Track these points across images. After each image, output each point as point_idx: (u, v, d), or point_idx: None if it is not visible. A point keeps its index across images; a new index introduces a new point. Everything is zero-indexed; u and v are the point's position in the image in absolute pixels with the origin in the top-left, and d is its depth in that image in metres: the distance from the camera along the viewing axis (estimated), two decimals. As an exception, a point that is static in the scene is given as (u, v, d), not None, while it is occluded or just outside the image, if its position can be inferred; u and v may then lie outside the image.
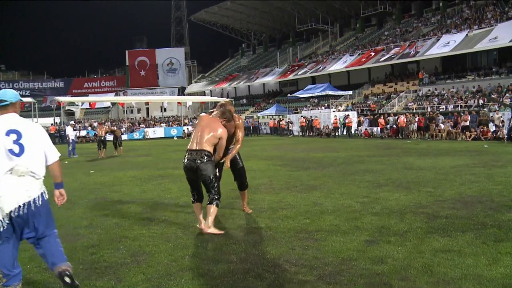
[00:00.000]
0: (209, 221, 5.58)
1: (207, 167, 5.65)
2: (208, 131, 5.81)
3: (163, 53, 72.26)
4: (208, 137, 5.77)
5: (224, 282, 4.02)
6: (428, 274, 4.05)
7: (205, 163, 5.64)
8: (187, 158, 5.75)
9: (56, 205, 8.03)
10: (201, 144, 5.73)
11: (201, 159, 5.64)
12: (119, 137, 21.31)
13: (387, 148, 20.02)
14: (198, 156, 5.66)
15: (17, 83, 73.50)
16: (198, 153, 5.68)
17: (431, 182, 9.41)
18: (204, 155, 5.67)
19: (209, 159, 5.71)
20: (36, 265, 4.66)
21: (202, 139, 5.76)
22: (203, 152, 5.68)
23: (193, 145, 5.78)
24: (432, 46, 39.99)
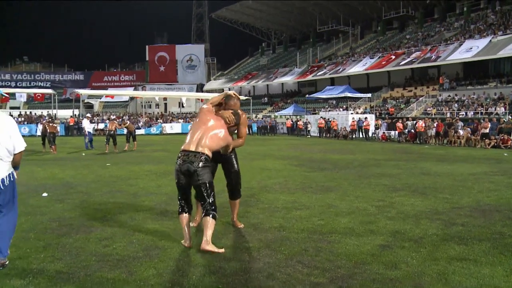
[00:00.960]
0: (208, 236, 4.81)
1: (205, 172, 4.97)
2: (211, 132, 5.15)
3: (183, 49, 72.53)
4: (210, 141, 5.11)
5: (235, 280, 4.00)
6: (443, 282, 3.99)
7: (203, 168, 4.95)
8: (182, 159, 5.01)
9: (72, 197, 8.12)
10: (200, 146, 5.04)
11: (199, 162, 4.94)
12: (133, 132, 21.31)
13: (404, 152, 19.83)
14: (196, 159, 4.95)
15: (39, 75, 74.47)
16: (197, 156, 4.97)
17: (448, 188, 9.29)
18: (204, 159, 4.98)
19: (207, 164, 5.02)
20: (50, 255, 4.68)
21: (202, 141, 5.07)
22: (203, 155, 4.99)
23: (191, 145, 5.06)
24: (454, 51, 39.51)
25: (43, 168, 12.86)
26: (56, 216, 6.52)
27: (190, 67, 71.84)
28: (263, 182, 10.21)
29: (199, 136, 5.10)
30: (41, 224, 6.01)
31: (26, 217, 6.43)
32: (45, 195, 8.29)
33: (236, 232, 5.65)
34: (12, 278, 4.02)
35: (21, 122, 41.09)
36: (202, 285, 3.88)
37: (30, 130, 37.92)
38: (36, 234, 5.53)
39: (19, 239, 5.25)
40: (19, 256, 4.61)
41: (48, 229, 5.76)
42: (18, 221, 6.03)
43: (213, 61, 79.99)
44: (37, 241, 5.22)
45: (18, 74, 74.24)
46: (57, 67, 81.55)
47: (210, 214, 4.91)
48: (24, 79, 72.53)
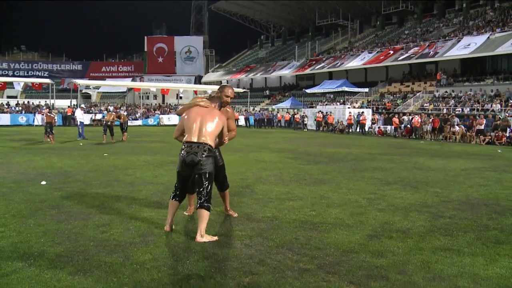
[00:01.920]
0: (202, 229, 4.93)
1: (208, 162, 5.06)
2: (210, 121, 5.20)
3: (182, 40, 72.42)
4: (210, 130, 5.17)
5: (227, 265, 4.18)
6: (425, 270, 4.18)
7: (207, 157, 5.05)
8: (186, 151, 5.08)
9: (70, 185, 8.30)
10: (203, 136, 5.11)
11: (203, 152, 5.03)
12: (125, 123, 21.37)
13: (400, 147, 20.03)
14: (200, 149, 5.03)
15: (36, 64, 74.25)
16: (201, 146, 5.05)
17: (439, 183, 9.48)
18: (207, 149, 5.07)
19: (211, 154, 5.11)
20: (50, 239, 4.85)
21: (203, 130, 5.13)
22: (206, 145, 5.08)
23: (193, 136, 5.12)
24: (452, 47, 39.65)
25: (41, 157, 13.00)
26: (55, 203, 6.68)
27: (189, 58, 71.76)
28: (258, 173, 10.38)
29: (199, 125, 5.15)
30: (40, 211, 6.17)
31: (26, 204, 6.60)
32: (43, 183, 8.44)
33: (229, 221, 5.83)
34: (15, 260, 4.19)
35: (18, 111, 41.11)
36: (195, 269, 4.06)
37: (27, 119, 37.95)
38: (36, 220, 5.69)
39: (19, 225, 5.43)
40: (21, 241, 4.78)
41: (48, 216, 5.92)
42: (18, 207, 6.25)
43: (211, 53, 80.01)
44: (37, 226, 5.39)
45: (16, 63, 73.98)
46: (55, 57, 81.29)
47: (205, 206, 4.98)
48: (22, 68, 72.31)
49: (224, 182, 6.05)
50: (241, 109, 52.07)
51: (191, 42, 72.34)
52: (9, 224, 5.46)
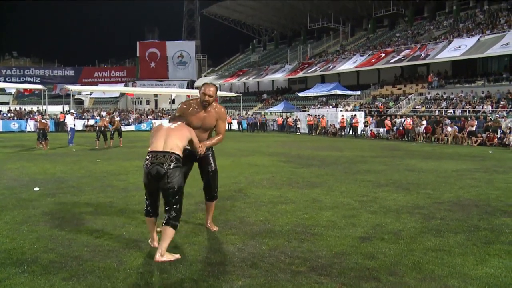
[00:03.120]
0: (163, 247, 4.47)
1: (175, 175, 4.58)
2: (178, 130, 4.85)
3: (174, 45, 72.48)
4: (177, 140, 4.75)
5: (220, 269, 4.21)
6: (417, 270, 4.23)
7: (174, 169, 4.57)
8: (150, 162, 4.60)
9: (64, 191, 8.31)
10: (169, 145, 4.68)
11: (170, 163, 4.55)
12: (119, 128, 21.23)
13: (392, 149, 20.14)
14: (166, 159, 4.56)
15: (28, 70, 74.00)
16: (166, 156, 4.58)
17: (430, 184, 9.56)
18: (174, 159, 4.59)
19: (178, 165, 4.62)
20: (43, 245, 4.86)
21: (170, 139, 4.72)
22: (172, 155, 4.61)
23: (158, 146, 4.69)
24: (443, 49, 39.91)
25: (34, 164, 12.97)
26: (48, 209, 6.69)
27: (181, 63, 71.80)
28: (251, 177, 10.42)
29: (164, 137, 4.75)
30: (33, 217, 6.18)
31: (19, 210, 6.60)
32: (36, 189, 8.43)
33: (222, 225, 5.84)
34: (8, 266, 4.20)
35: (10, 117, 40.92)
36: (189, 273, 4.09)
37: (20, 125, 37.79)
38: (29, 226, 5.70)
39: (12, 231, 5.43)
40: (14, 247, 4.78)
41: (41, 222, 5.93)
42: (11, 214, 6.25)
43: (204, 58, 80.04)
44: (30, 233, 5.40)
45: (8, 69, 73.71)
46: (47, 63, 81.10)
47: (170, 223, 4.56)
48: (14, 74, 72.03)
49: (213, 191, 5.54)
50: (234, 113, 52.12)
51: (183, 47, 72.43)
52: (2, 230, 5.46)
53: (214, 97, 5.26)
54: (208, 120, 5.29)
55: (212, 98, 5.22)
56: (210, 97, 5.20)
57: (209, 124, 5.32)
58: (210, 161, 5.46)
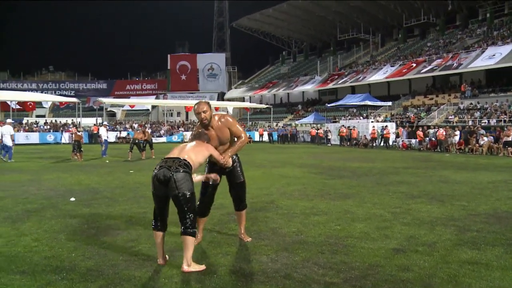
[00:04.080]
0: (188, 257, 4.44)
1: (184, 180, 4.42)
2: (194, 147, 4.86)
3: (204, 58, 73.31)
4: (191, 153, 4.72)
5: (254, 279, 4.24)
6: (453, 283, 4.15)
7: (183, 173, 4.43)
8: (159, 165, 4.54)
9: (98, 201, 8.49)
10: (182, 154, 4.65)
11: (178, 167, 4.44)
12: (150, 140, 21.42)
13: (424, 160, 19.84)
14: (174, 164, 4.47)
15: (63, 84, 76.10)
16: (175, 161, 4.51)
17: (465, 196, 9.38)
18: (183, 164, 4.50)
19: (187, 170, 4.49)
20: (80, 254, 4.97)
21: (184, 149, 4.77)
22: (182, 161, 4.54)
23: (171, 154, 4.70)
24: (476, 58, 39.22)
25: (69, 174, 13.30)
26: (84, 219, 6.85)
27: (211, 75, 72.54)
28: (283, 189, 10.42)
29: (179, 149, 4.79)
30: (70, 227, 6.34)
31: (57, 219, 6.78)
32: (73, 199, 8.65)
33: (255, 236, 5.86)
34: (48, 273, 4.33)
35: (46, 130, 42.02)
36: (223, 284, 4.12)
37: (55, 137, 38.78)
38: (67, 235, 5.85)
39: (51, 240, 5.59)
40: (53, 255, 4.92)
41: (78, 231, 6.08)
42: (49, 223, 6.42)
43: (234, 70, 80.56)
44: (68, 241, 5.54)
45: (44, 83, 75.96)
46: (81, 76, 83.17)
47: (189, 232, 4.46)
48: (50, 88, 74.12)
49: (241, 201, 5.54)
50: (264, 125, 52.21)
51: (213, 59, 73.19)
52: (42, 239, 5.63)
53: (209, 111, 5.17)
54: (221, 134, 5.24)
55: (207, 113, 5.13)
56: (204, 113, 5.12)
57: (224, 137, 5.27)
58: (238, 173, 5.48)
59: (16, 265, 4.57)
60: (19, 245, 5.35)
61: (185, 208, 4.44)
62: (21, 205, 8.03)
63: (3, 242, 5.49)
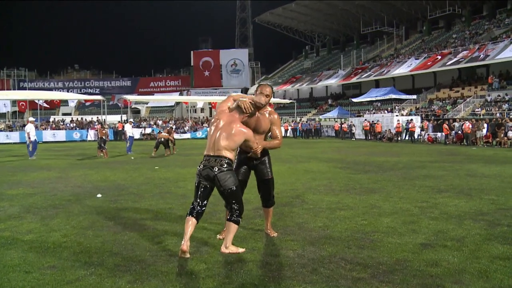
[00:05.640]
0: (228, 240, 4.87)
1: (228, 177, 4.78)
2: (227, 133, 4.88)
3: (227, 54, 73.41)
4: (227, 142, 4.85)
5: (281, 274, 4.22)
6: (484, 279, 4.07)
7: (225, 172, 4.77)
8: (203, 164, 4.87)
9: (125, 198, 8.58)
10: (218, 149, 4.86)
11: (220, 167, 4.77)
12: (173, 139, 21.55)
13: (451, 154, 19.53)
14: (216, 163, 4.79)
15: (88, 82, 77.19)
16: (217, 160, 4.80)
17: (494, 190, 9.19)
18: (224, 163, 4.80)
19: (229, 168, 4.83)
20: (108, 249, 5.03)
21: (219, 143, 4.86)
22: (223, 159, 4.81)
23: (210, 150, 4.90)
24: (505, 49, 38.35)
25: (95, 171, 13.49)
26: (111, 215, 6.93)
27: (235, 71, 72.62)
28: (308, 183, 10.38)
29: (214, 139, 4.90)
30: (98, 222, 6.42)
31: (84, 216, 6.88)
32: (99, 196, 8.77)
33: (281, 231, 5.85)
34: (77, 269, 4.39)
35: (73, 127, 42.70)
36: (250, 279, 4.12)
37: (81, 135, 39.39)
38: (94, 231, 5.93)
39: (79, 236, 5.67)
40: (81, 251, 5.00)
41: (105, 227, 6.15)
42: (77, 219, 6.52)
43: (257, 65, 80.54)
44: (95, 237, 5.61)
45: (70, 82, 77.25)
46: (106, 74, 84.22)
47: (234, 220, 4.85)
48: (75, 86, 75.34)
49: (269, 198, 5.51)
50: (288, 120, 52.09)
51: (236, 55, 73.21)
52: (70, 235, 5.72)
53: (271, 97, 5.20)
54: (261, 123, 5.21)
55: (268, 98, 5.15)
56: (267, 97, 5.12)
57: (263, 127, 5.24)
58: (267, 169, 5.40)
59: (46, 260, 4.65)
60: (49, 240, 5.45)
61: (232, 201, 4.85)
62: (50, 202, 8.18)
63: (33, 238, 5.60)
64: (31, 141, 18.81)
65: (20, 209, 7.53)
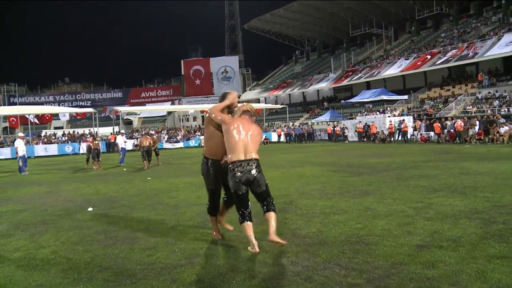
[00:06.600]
0: (275, 228, 5.16)
1: (262, 177, 5.22)
2: (252, 136, 5.29)
3: (218, 61, 73.36)
4: (254, 144, 5.28)
5: (274, 284, 4.12)
6: (481, 280, 3.99)
7: (261, 173, 5.22)
8: (239, 171, 5.10)
9: (116, 210, 8.44)
10: (249, 152, 5.19)
11: (256, 169, 5.15)
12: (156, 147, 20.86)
13: (444, 153, 19.51)
14: (252, 166, 5.13)
15: (79, 95, 76.90)
16: (252, 163, 5.14)
17: (489, 187, 9.14)
18: (258, 164, 5.20)
19: (261, 168, 5.26)
20: (98, 265, 4.91)
21: (249, 146, 5.22)
22: (255, 161, 5.18)
23: (241, 154, 5.15)
24: (493, 46, 38.53)
25: (87, 184, 13.34)
26: (102, 229, 6.80)
27: (226, 78, 72.55)
28: (301, 188, 10.29)
29: (243, 143, 5.20)
30: (88, 237, 6.29)
31: (74, 231, 6.75)
32: (90, 209, 8.63)
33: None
34: (66, 286, 4.27)
35: (65, 141, 42.43)
36: (242, 289, 4.02)
37: (73, 148, 39.13)
38: (84, 246, 5.81)
39: (69, 251, 5.54)
40: (70, 267, 4.87)
41: (95, 241, 6.03)
42: (67, 235, 6.39)
43: (247, 72, 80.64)
44: (85, 252, 5.49)
45: (61, 95, 76.93)
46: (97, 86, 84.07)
47: (272, 209, 5.26)
48: (67, 99, 75.01)
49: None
50: (281, 125, 52.06)
51: (227, 62, 73.18)
52: (59, 251, 5.59)
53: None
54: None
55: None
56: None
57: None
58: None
59: (33, 279, 4.53)
60: (37, 258, 5.32)
61: (267, 197, 5.30)
62: (40, 217, 8.03)
63: (21, 255, 5.47)
64: (19, 156, 18.69)
65: (8, 226, 7.39)
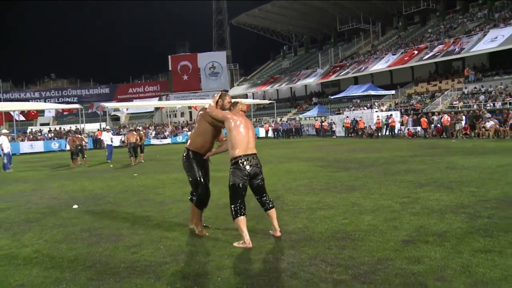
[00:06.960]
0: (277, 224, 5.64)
1: (262, 170, 5.59)
2: (252, 132, 5.60)
3: (205, 57, 72.97)
4: (254, 140, 5.59)
5: (259, 280, 4.09)
6: (466, 274, 4.00)
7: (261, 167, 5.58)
8: (248, 164, 5.35)
9: (101, 207, 8.36)
10: (253, 147, 5.50)
11: (259, 162, 5.50)
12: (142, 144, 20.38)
13: (431, 148, 19.62)
14: (258, 160, 5.49)
15: (66, 91, 76.04)
16: (255, 157, 5.46)
17: (474, 181, 9.19)
18: (258, 158, 5.54)
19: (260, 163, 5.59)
20: (81, 263, 4.85)
21: (252, 142, 5.51)
22: (256, 155, 5.52)
23: (247, 149, 5.40)
24: (479, 42, 38.80)
25: (73, 182, 13.19)
26: (86, 226, 6.72)
27: (213, 74, 72.21)
28: (288, 184, 10.28)
29: (247, 139, 5.44)
30: (72, 235, 6.21)
31: (58, 229, 6.66)
32: (75, 207, 8.53)
33: (260, 234, 5.72)
34: (48, 286, 4.20)
35: (51, 138, 42.04)
36: (227, 286, 3.98)
37: (60, 145, 38.77)
38: (68, 244, 5.72)
39: (52, 250, 5.46)
40: (53, 266, 4.80)
41: (79, 239, 5.95)
42: (51, 233, 6.30)
43: (235, 67, 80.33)
44: (69, 251, 5.41)
45: (47, 91, 75.95)
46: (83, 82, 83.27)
47: (272, 206, 5.58)
48: (53, 95, 74.11)
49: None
50: (269, 120, 52.01)
51: (214, 58, 72.80)
52: (42, 249, 5.50)
53: None
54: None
55: None
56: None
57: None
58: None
59: (14, 279, 4.45)
60: (19, 257, 5.23)
61: (265, 190, 5.63)
62: (23, 216, 7.91)
63: (3, 255, 5.37)
64: (4, 154, 18.44)
65: (-9, 224, 7.27)
